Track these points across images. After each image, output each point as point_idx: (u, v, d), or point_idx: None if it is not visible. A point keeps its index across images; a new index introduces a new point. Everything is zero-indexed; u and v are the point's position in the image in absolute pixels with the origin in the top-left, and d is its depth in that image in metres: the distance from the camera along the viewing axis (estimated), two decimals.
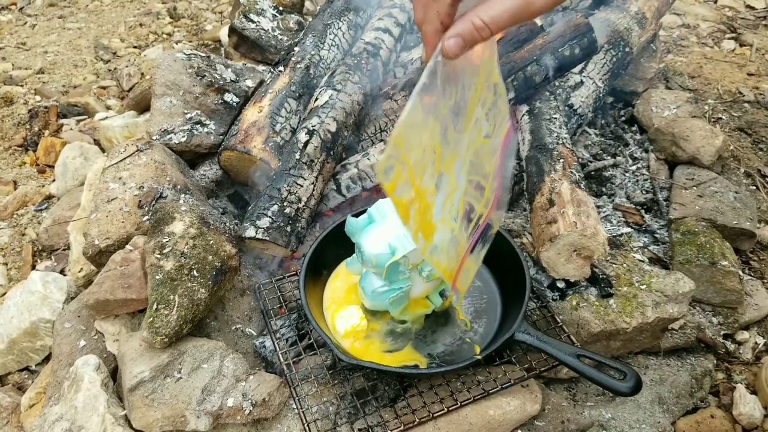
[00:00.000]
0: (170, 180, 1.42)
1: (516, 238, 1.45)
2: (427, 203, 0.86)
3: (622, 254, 1.44)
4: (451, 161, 0.87)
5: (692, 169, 1.80)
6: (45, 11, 3.23)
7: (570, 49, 1.66)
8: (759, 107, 2.29)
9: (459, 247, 0.98)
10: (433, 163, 0.83)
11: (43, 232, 1.75)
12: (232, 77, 1.78)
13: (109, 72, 2.68)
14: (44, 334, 1.41)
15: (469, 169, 0.92)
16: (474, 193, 0.95)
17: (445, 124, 0.81)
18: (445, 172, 0.87)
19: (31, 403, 1.32)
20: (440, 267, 0.95)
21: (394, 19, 1.84)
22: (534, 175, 1.49)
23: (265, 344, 1.27)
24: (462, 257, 1.00)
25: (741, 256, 1.69)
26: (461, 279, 1.04)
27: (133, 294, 1.21)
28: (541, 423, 1.18)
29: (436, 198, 0.87)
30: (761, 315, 1.56)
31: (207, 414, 1.09)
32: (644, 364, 1.40)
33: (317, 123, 1.50)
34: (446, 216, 0.92)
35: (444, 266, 0.96)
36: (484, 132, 0.91)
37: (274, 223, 1.35)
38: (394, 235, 1.11)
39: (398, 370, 1.16)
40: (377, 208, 1.18)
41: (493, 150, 0.96)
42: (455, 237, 0.96)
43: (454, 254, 0.97)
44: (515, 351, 1.23)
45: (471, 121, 0.87)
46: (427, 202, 0.86)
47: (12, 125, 2.30)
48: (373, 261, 1.11)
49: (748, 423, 1.35)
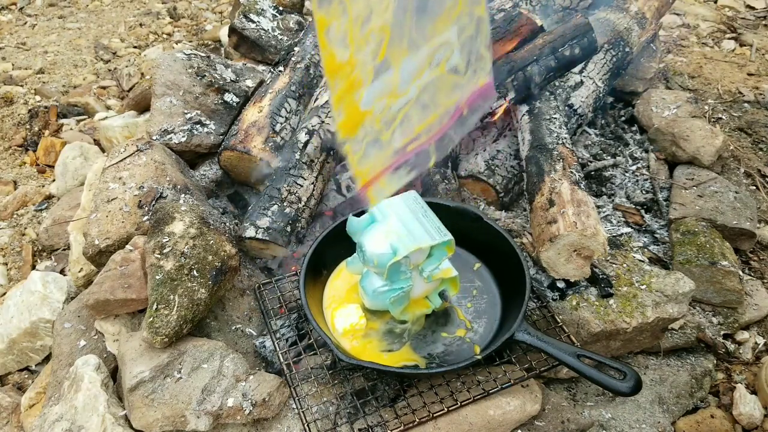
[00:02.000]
0: (170, 180, 1.42)
1: (516, 238, 1.45)
2: (359, 80, 0.81)
3: (622, 254, 1.44)
4: (398, 56, 0.82)
5: (692, 169, 1.80)
6: (45, 11, 3.23)
7: (570, 49, 1.66)
8: (759, 107, 2.29)
9: (382, 153, 0.93)
10: (378, 43, 0.79)
11: (43, 232, 1.75)
12: (232, 77, 1.78)
13: (109, 72, 2.68)
14: (44, 334, 1.41)
15: (424, 87, 0.88)
16: (419, 112, 0.92)
17: (405, 6, 0.77)
18: (391, 63, 0.82)
19: (31, 403, 1.32)
20: (354, 162, 0.91)
21: None
22: (534, 175, 1.49)
23: (265, 344, 1.27)
24: (382, 167, 0.96)
25: (741, 256, 1.69)
26: (374, 190, 1.00)
27: (133, 294, 1.21)
28: (541, 423, 1.18)
29: (371, 85, 0.83)
30: (761, 315, 1.56)
31: (207, 414, 1.09)
32: (644, 364, 1.40)
33: (317, 123, 1.50)
34: (378, 114, 0.87)
35: (357, 163, 0.91)
36: (452, 64, 0.88)
37: (274, 223, 1.35)
38: (396, 235, 1.11)
39: (398, 370, 1.16)
40: (379, 208, 1.18)
41: (455, 87, 0.92)
42: (380, 141, 0.91)
43: (375, 159, 0.92)
44: (515, 351, 1.23)
45: (438, 37, 0.83)
46: (360, 78, 0.81)
47: (12, 125, 2.30)
48: (374, 261, 1.11)
49: (748, 423, 1.35)
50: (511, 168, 1.61)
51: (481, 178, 1.55)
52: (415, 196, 1.20)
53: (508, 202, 1.59)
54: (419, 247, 1.09)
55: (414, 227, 1.13)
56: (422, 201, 1.21)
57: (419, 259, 1.13)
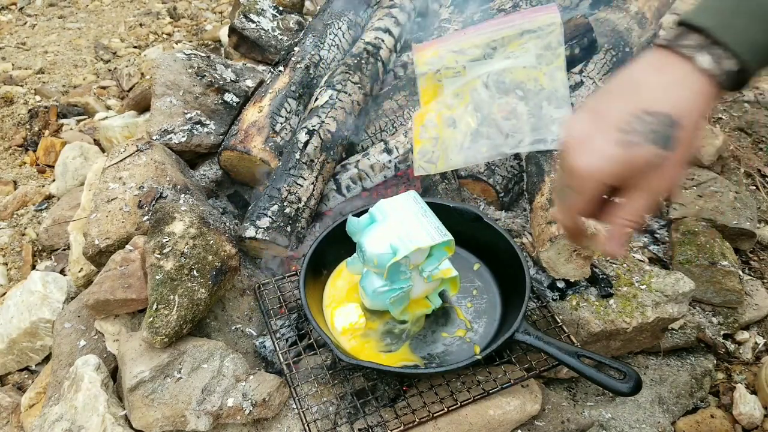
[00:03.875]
0: (170, 180, 1.42)
1: (516, 238, 1.45)
2: None
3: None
4: None
5: (692, 169, 1.80)
6: (45, 11, 3.23)
7: (570, 49, 1.65)
8: (759, 107, 2.29)
9: None
10: None
11: (43, 232, 1.75)
12: (232, 77, 1.78)
13: (109, 72, 2.68)
14: (44, 334, 1.41)
15: None
16: None
17: None
18: None
19: (31, 403, 1.32)
20: None
21: (394, 19, 1.84)
22: (534, 175, 1.49)
23: (265, 344, 1.27)
24: None
25: (741, 256, 1.69)
26: None
27: (133, 294, 1.21)
28: (541, 423, 1.18)
29: None
30: (761, 315, 1.56)
31: (207, 414, 1.09)
32: (644, 364, 1.40)
33: (317, 123, 1.50)
34: None
35: None
36: None
37: (274, 223, 1.35)
38: (396, 235, 1.11)
39: (399, 370, 1.16)
40: (378, 208, 1.18)
41: None
42: None
43: None
44: (515, 351, 1.23)
45: None
46: None
47: (12, 125, 2.30)
48: (374, 261, 1.11)
49: (748, 423, 1.35)
50: (511, 168, 1.61)
51: (481, 178, 1.55)
52: (414, 196, 1.20)
53: (508, 202, 1.59)
54: (419, 247, 1.09)
55: (414, 227, 1.13)
56: (422, 201, 1.21)
57: (419, 259, 1.13)
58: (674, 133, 0.64)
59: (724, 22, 0.66)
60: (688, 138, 0.65)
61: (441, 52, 1.36)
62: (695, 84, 0.65)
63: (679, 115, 0.65)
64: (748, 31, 0.65)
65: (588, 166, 0.67)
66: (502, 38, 1.32)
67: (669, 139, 0.64)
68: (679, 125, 0.64)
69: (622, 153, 0.65)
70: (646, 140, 0.64)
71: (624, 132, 0.65)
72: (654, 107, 0.65)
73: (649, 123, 0.65)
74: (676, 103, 0.65)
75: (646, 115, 0.65)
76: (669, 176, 0.66)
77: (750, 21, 0.65)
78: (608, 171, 0.66)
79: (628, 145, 0.65)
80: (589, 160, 0.66)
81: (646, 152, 0.64)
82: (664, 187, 0.67)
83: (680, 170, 0.67)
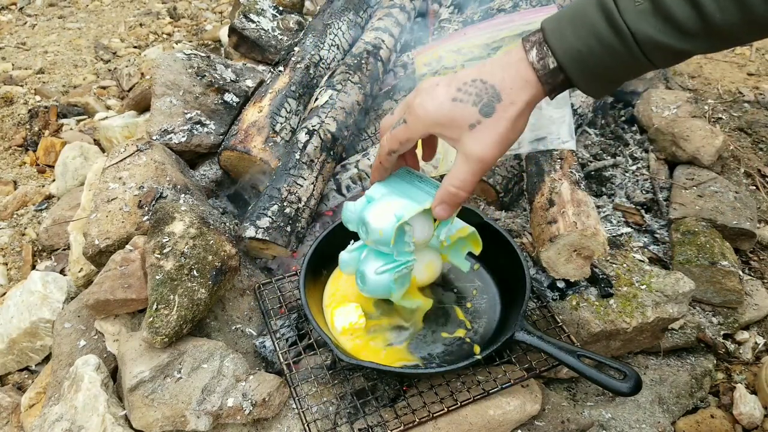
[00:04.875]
0: (170, 180, 1.42)
1: (516, 238, 1.45)
2: None
3: (622, 254, 1.44)
4: None
5: (692, 169, 1.80)
6: (45, 11, 3.23)
7: None
8: (759, 107, 2.29)
9: None
10: None
11: (43, 232, 1.75)
12: (232, 77, 1.78)
13: (109, 72, 2.68)
14: (44, 334, 1.41)
15: None
16: None
17: None
18: None
19: (31, 403, 1.32)
20: None
21: (394, 19, 1.84)
22: (534, 175, 1.49)
23: (265, 344, 1.27)
24: None
25: (741, 256, 1.69)
26: None
27: (133, 294, 1.21)
28: (541, 423, 1.18)
29: None
30: (761, 315, 1.56)
31: (207, 414, 1.09)
32: (644, 364, 1.40)
33: (317, 123, 1.50)
34: None
35: None
36: None
37: (274, 223, 1.35)
38: (399, 205, 1.08)
39: (399, 370, 1.15)
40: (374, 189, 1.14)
41: None
42: None
43: None
44: (515, 351, 1.23)
45: None
46: None
47: (12, 125, 2.30)
48: (379, 232, 1.07)
49: (749, 423, 1.35)
50: (511, 168, 1.61)
51: (481, 178, 1.55)
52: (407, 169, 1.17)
53: (508, 202, 1.59)
54: (423, 207, 1.06)
55: (413, 193, 1.09)
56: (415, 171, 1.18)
57: (424, 232, 1.10)
58: (495, 104, 0.78)
59: (557, 27, 0.76)
60: (508, 114, 0.78)
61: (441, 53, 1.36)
62: (523, 71, 0.77)
63: (501, 90, 0.78)
64: (569, 38, 0.74)
65: (421, 106, 0.82)
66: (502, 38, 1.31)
67: (489, 106, 0.78)
68: (500, 98, 0.78)
69: (450, 106, 0.80)
70: (471, 102, 0.79)
71: (459, 91, 0.79)
72: (487, 78, 0.79)
73: (478, 89, 0.78)
74: (503, 80, 0.78)
75: (479, 83, 0.79)
76: (483, 141, 0.79)
77: (574, 30, 0.74)
78: (434, 116, 0.81)
79: (456, 101, 0.79)
80: (425, 102, 0.82)
81: (467, 112, 0.79)
82: (477, 151, 0.80)
83: (495, 139, 0.79)
